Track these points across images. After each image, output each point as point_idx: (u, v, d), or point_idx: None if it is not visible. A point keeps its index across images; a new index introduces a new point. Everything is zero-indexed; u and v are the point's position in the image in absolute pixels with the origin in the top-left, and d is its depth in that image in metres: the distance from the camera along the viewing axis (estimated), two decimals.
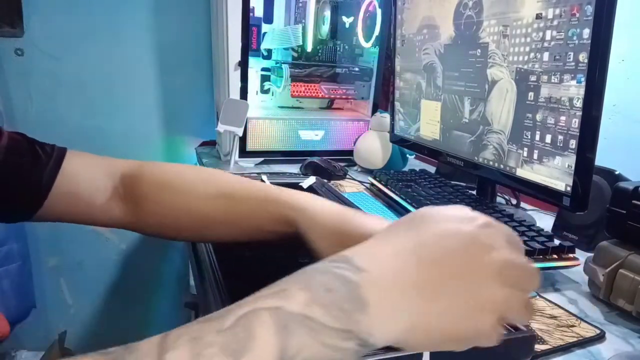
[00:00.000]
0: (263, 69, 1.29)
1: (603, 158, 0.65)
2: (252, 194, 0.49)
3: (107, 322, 1.58)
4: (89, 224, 0.54)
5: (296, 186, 0.86)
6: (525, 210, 0.94)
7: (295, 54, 1.31)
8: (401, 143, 1.11)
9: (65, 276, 1.48)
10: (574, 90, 0.62)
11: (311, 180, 0.89)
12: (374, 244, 0.31)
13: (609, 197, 0.60)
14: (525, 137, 0.72)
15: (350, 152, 1.22)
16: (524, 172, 0.73)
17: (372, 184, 1.00)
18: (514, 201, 0.95)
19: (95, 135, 1.35)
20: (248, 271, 0.52)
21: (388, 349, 0.39)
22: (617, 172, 0.73)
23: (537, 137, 0.69)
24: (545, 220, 0.87)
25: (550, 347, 0.49)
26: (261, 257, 0.55)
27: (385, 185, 0.94)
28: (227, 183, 0.51)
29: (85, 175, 0.50)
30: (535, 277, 0.30)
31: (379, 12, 1.22)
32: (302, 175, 0.97)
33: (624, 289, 0.55)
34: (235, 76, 1.10)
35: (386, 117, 1.16)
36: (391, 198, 0.90)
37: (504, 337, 0.42)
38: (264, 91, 1.31)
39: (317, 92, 1.28)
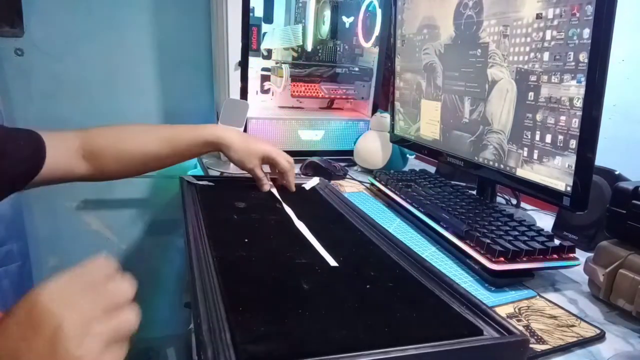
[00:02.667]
0: (263, 69, 1.29)
1: (603, 158, 0.65)
2: (184, 132, 0.76)
3: None
4: (63, 182, 0.70)
5: (299, 187, 0.85)
6: (525, 210, 0.94)
7: (295, 54, 1.31)
8: (401, 143, 1.11)
9: None
10: (574, 90, 0.62)
11: (315, 181, 0.89)
12: None
13: (609, 197, 0.60)
14: (525, 137, 0.72)
15: (350, 152, 1.22)
16: (524, 172, 0.73)
17: (372, 184, 1.00)
18: (514, 201, 0.95)
19: None
20: (246, 272, 0.52)
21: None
22: (617, 172, 0.73)
23: (537, 137, 0.69)
24: (545, 220, 0.87)
25: (550, 347, 0.49)
26: (260, 257, 0.55)
27: (385, 185, 0.94)
28: (163, 127, 0.83)
29: (60, 152, 0.67)
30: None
31: (379, 12, 1.22)
32: (303, 177, 0.96)
33: (624, 289, 0.55)
34: (235, 76, 1.10)
35: (386, 117, 1.16)
36: (391, 198, 0.90)
37: (496, 340, 0.42)
38: (264, 91, 1.31)
39: (317, 92, 1.28)
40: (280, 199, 0.77)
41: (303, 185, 0.87)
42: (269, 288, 0.48)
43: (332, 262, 0.55)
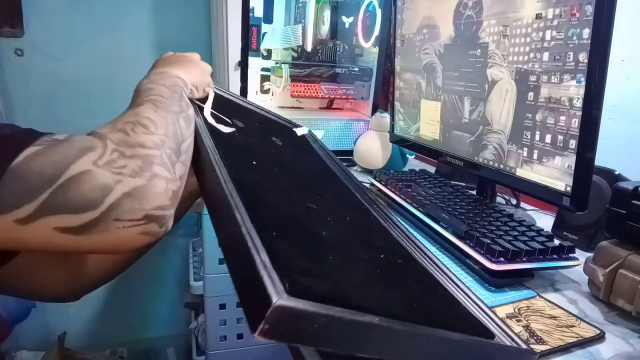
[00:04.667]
0: (263, 69, 1.29)
1: (603, 158, 0.65)
2: None
3: (107, 322, 1.58)
4: None
5: (289, 130, 0.79)
6: (525, 210, 0.94)
7: (295, 54, 1.31)
8: (401, 143, 1.11)
9: None
10: (574, 90, 0.62)
11: (304, 130, 0.80)
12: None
13: (609, 197, 0.60)
14: (525, 137, 0.72)
15: (350, 152, 1.22)
16: (523, 172, 0.73)
17: (372, 184, 1.00)
18: (514, 201, 0.95)
19: None
20: (264, 194, 0.46)
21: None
22: (617, 172, 0.73)
23: (537, 137, 0.69)
24: (545, 220, 0.87)
25: (550, 347, 0.49)
26: (272, 185, 0.50)
27: (385, 185, 0.94)
28: None
29: None
30: None
31: (378, 12, 1.22)
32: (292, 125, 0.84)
33: (623, 289, 0.55)
34: (235, 76, 1.10)
35: (386, 117, 1.16)
36: (391, 198, 0.90)
37: (511, 348, 0.41)
38: (264, 91, 1.31)
39: (317, 92, 1.28)
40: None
41: (294, 129, 0.79)
42: (294, 222, 0.43)
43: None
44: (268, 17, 1.27)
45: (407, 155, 1.20)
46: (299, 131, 0.79)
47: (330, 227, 0.47)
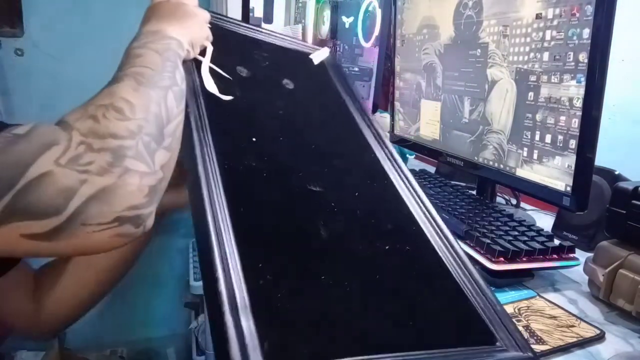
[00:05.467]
0: None
1: (603, 158, 0.65)
2: None
3: (107, 322, 1.58)
4: None
5: (305, 56, 0.72)
6: (525, 210, 0.94)
7: None
8: (401, 143, 1.11)
9: None
10: (574, 90, 0.62)
11: (324, 53, 0.73)
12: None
13: (609, 197, 0.60)
14: (525, 137, 0.71)
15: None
16: (523, 172, 0.73)
17: None
18: (513, 201, 0.95)
19: None
20: (259, 205, 0.45)
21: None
22: (617, 172, 0.73)
23: (537, 137, 0.69)
24: (545, 220, 0.87)
25: (549, 347, 0.49)
26: (270, 174, 0.48)
27: None
28: None
29: None
30: None
31: (378, 12, 1.22)
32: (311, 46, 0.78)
33: (623, 289, 0.55)
34: None
35: (386, 117, 1.16)
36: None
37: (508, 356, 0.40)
38: None
39: None
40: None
41: (310, 56, 0.71)
42: (284, 235, 0.42)
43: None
44: (268, 17, 1.27)
45: (407, 155, 1.19)
46: (316, 58, 0.71)
47: (331, 223, 0.45)
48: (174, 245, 1.61)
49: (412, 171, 1.01)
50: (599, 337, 0.52)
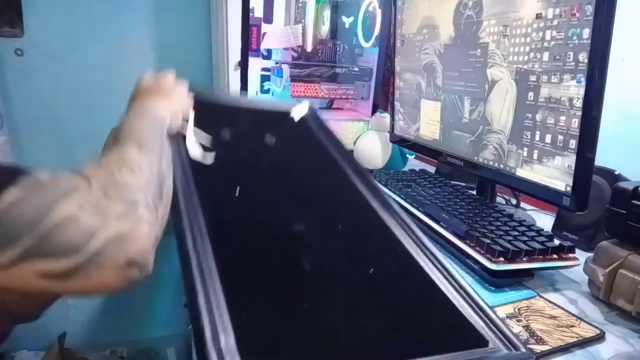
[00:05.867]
0: (263, 69, 1.29)
1: (603, 158, 0.65)
2: None
3: (107, 322, 1.58)
4: None
5: (285, 115, 0.75)
6: (525, 210, 0.94)
7: (295, 54, 1.31)
8: (401, 143, 1.11)
9: None
10: (574, 90, 0.62)
11: (304, 107, 0.76)
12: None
13: (609, 197, 0.60)
14: (525, 137, 0.71)
15: (350, 152, 1.21)
16: (523, 172, 0.73)
17: None
18: (513, 201, 0.95)
19: (95, 135, 1.34)
20: (243, 248, 0.48)
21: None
22: (617, 172, 0.73)
23: (537, 137, 0.69)
24: (545, 220, 0.87)
25: (550, 347, 0.49)
26: (255, 220, 0.51)
27: (385, 185, 0.94)
28: None
29: None
30: None
31: (379, 12, 1.22)
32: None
33: (623, 289, 0.55)
34: (235, 76, 1.10)
35: (386, 117, 1.16)
36: (391, 198, 0.90)
37: (501, 357, 0.41)
38: (264, 91, 1.31)
39: (317, 92, 1.28)
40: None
41: (291, 116, 0.74)
42: (269, 271, 0.44)
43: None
44: (268, 17, 1.27)
45: (407, 155, 1.19)
46: (296, 114, 0.74)
47: (315, 256, 0.47)
48: (174, 245, 1.61)
49: (412, 171, 1.01)
50: (599, 337, 0.52)
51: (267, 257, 0.46)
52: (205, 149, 0.59)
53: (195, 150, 0.58)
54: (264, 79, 1.29)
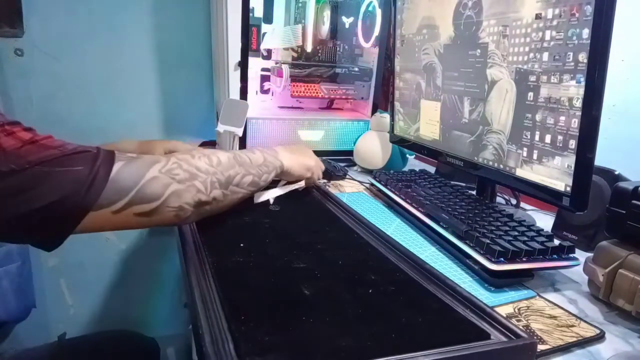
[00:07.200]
0: (263, 69, 1.29)
1: (603, 158, 0.65)
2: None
3: (107, 322, 1.58)
4: None
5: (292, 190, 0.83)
6: (525, 210, 0.94)
7: (295, 54, 1.31)
8: (401, 143, 1.11)
9: (65, 276, 1.48)
10: (574, 90, 0.62)
11: (300, 184, 0.83)
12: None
13: (609, 197, 0.60)
14: (524, 137, 0.72)
15: (350, 152, 1.22)
16: (523, 172, 0.73)
17: (372, 184, 1.00)
18: (513, 201, 0.95)
19: (95, 135, 1.34)
20: (245, 279, 0.52)
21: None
22: (617, 172, 0.73)
23: (537, 137, 0.69)
24: (545, 220, 0.87)
25: (549, 347, 0.49)
26: (258, 262, 0.56)
27: (385, 186, 0.94)
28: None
29: None
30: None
31: (378, 12, 1.22)
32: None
33: (623, 289, 0.55)
34: (235, 76, 1.10)
35: (386, 117, 1.16)
36: (391, 198, 0.90)
37: (504, 345, 0.42)
38: (264, 91, 1.31)
39: (317, 92, 1.28)
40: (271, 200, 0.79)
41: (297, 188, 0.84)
42: (269, 295, 0.48)
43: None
44: (268, 17, 1.27)
45: (407, 155, 1.19)
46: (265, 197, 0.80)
47: (314, 284, 0.51)
48: (174, 245, 1.61)
49: (412, 171, 1.01)
50: (599, 337, 0.52)
51: (266, 288, 0.50)
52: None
53: (261, 199, 0.76)
54: (264, 79, 1.30)
